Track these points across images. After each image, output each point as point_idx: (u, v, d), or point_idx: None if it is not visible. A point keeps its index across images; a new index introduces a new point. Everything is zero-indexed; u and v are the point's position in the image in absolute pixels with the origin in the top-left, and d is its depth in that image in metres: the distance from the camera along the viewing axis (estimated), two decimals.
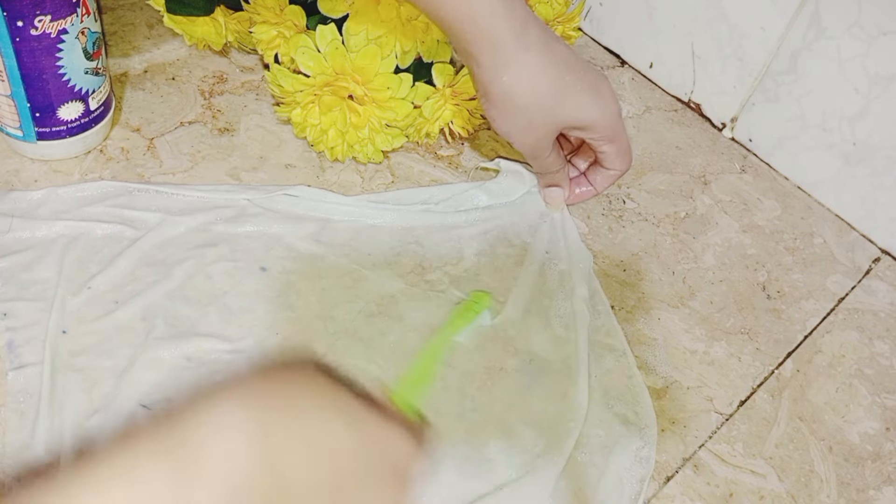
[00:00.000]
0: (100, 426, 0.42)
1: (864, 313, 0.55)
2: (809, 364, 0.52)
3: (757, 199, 0.61)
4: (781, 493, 0.46)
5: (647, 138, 0.64)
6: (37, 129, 0.51)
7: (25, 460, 0.41)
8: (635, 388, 0.48)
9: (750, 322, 0.53)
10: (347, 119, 0.53)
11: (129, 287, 0.48)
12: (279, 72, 0.53)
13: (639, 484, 0.44)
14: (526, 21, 0.46)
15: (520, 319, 0.50)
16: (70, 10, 0.47)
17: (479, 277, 0.52)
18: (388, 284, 0.51)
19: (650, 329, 0.52)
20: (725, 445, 0.47)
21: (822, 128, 0.59)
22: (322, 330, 0.48)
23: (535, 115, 0.48)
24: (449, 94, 0.55)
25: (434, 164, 0.59)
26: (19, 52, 0.47)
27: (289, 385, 0.33)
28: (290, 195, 0.54)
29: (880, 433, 0.49)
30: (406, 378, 0.46)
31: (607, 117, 0.50)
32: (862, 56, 0.55)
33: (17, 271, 0.48)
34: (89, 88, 0.52)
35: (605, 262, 0.55)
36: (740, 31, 0.61)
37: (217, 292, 0.48)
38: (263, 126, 0.59)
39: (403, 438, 0.35)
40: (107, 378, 0.44)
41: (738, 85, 0.63)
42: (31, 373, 0.44)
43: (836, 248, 0.59)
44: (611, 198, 0.59)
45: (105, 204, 0.51)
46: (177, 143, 0.56)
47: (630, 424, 0.47)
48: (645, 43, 0.68)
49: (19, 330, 0.45)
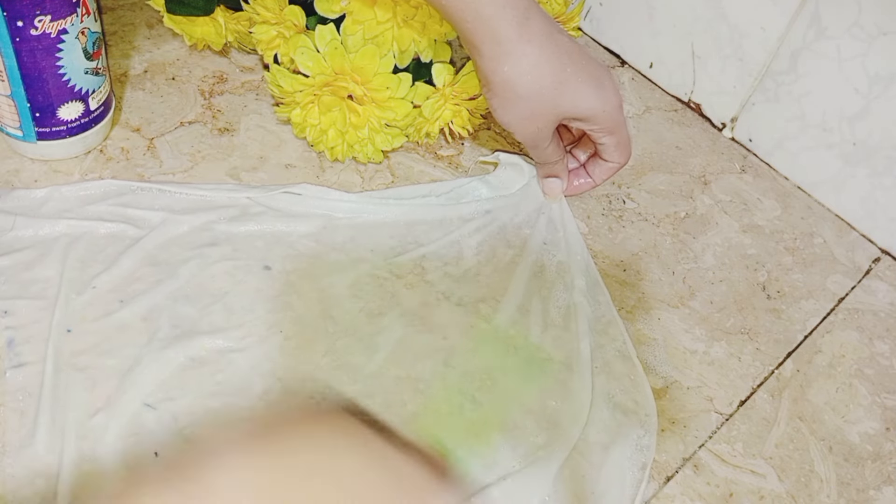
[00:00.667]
0: (102, 425, 0.42)
1: (864, 313, 0.55)
2: (809, 364, 0.52)
3: (757, 199, 0.61)
4: (781, 493, 0.46)
5: (647, 138, 0.64)
6: (37, 129, 0.51)
7: (25, 459, 0.41)
8: (636, 377, 0.48)
9: (750, 322, 0.53)
10: (347, 119, 0.53)
11: (133, 286, 0.48)
12: (279, 72, 0.53)
13: (640, 472, 0.44)
14: (528, 11, 0.46)
15: (519, 315, 0.50)
16: (70, 10, 0.47)
17: (478, 278, 0.52)
18: (388, 284, 0.51)
19: (650, 329, 0.52)
20: (725, 445, 0.47)
21: (822, 128, 0.59)
22: (322, 329, 0.48)
23: (535, 105, 0.48)
24: (449, 93, 0.55)
25: (434, 164, 0.59)
26: (19, 52, 0.47)
27: (313, 425, 0.33)
28: (293, 193, 0.54)
29: (880, 433, 0.49)
30: (431, 410, 0.46)
31: (608, 109, 0.50)
32: (862, 56, 0.55)
33: (19, 270, 0.48)
34: (89, 88, 0.52)
35: (605, 262, 0.55)
36: (740, 31, 0.61)
37: (219, 292, 0.49)
38: (263, 126, 0.59)
39: (429, 473, 0.35)
40: (110, 377, 0.44)
41: (738, 85, 0.63)
42: (31, 371, 0.44)
43: (836, 248, 0.59)
44: (611, 198, 0.59)
45: (108, 203, 0.51)
46: (177, 143, 0.56)
47: (630, 413, 0.47)
48: (645, 43, 0.68)
49: (19, 328, 0.45)
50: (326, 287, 0.50)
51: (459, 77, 0.55)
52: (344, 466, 0.32)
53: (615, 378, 0.48)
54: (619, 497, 0.43)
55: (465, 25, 0.45)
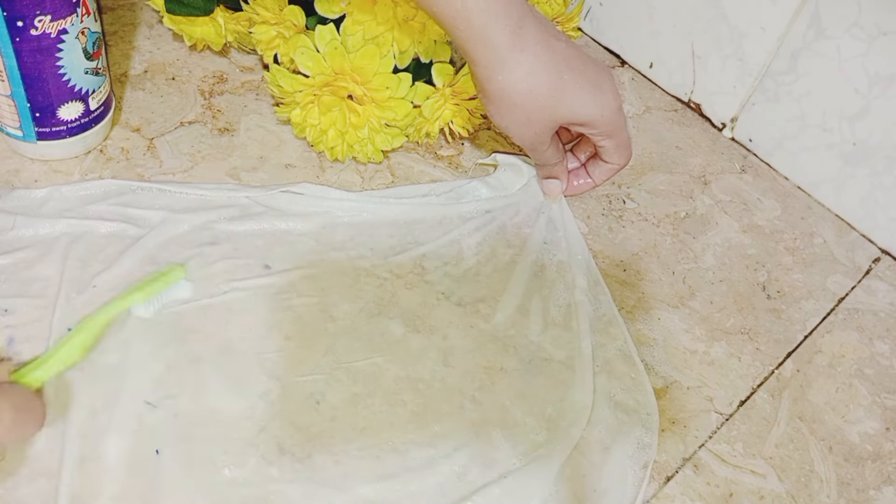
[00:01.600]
0: (103, 424, 0.42)
1: (864, 313, 0.55)
2: (809, 364, 0.52)
3: (757, 199, 0.61)
4: (781, 493, 0.46)
5: (647, 138, 0.64)
6: (37, 129, 0.51)
7: (26, 457, 0.41)
8: (637, 376, 0.48)
9: (750, 322, 0.53)
10: (347, 119, 0.53)
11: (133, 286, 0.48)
12: (279, 72, 0.53)
13: (642, 471, 0.45)
14: (522, 18, 0.45)
15: (518, 314, 0.50)
16: (70, 10, 0.47)
17: (478, 277, 0.52)
18: (388, 284, 0.51)
19: (650, 329, 0.52)
20: (725, 445, 0.47)
21: (822, 128, 0.59)
22: (322, 329, 0.48)
23: (532, 112, 0.48)
24: (449, 93, 0.55)
25: (434, 164, 0.59)
26: (19, 52, 0.47)
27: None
28: (293, 192, 0.54)
29: (880, 433, 0.49)
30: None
31: (606, 114, 0.49)
32: (862, 56, 0.55)
33: (20, 268, 0.48)
34: (89, 88, 0.52)
35: (605, 262, 0.55)
36: (740, 31, 0.61)
37: (218, 291, 0.49)
38: (263, 126, 0.59)
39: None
40: (110, 375, 0.44)
41: (738, 85, 0.63)
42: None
43: (836, 248, 0.59)
44: (611, 198, 0.59)
45: (108, 202, 0.52)
46: (177, 143, 0.56)
47: (632, 412, 0.47)
48: (645, 43, 0.68)
49: (20, 327, 0.45)
50: (326, 287, 0.50)
51: (459, 77, 0.55)
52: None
53: (616, 377, 0.48)
54: (620, 496, 0.43)
55: (459, 34, 0.45)
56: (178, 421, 0.43)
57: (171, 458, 0.42)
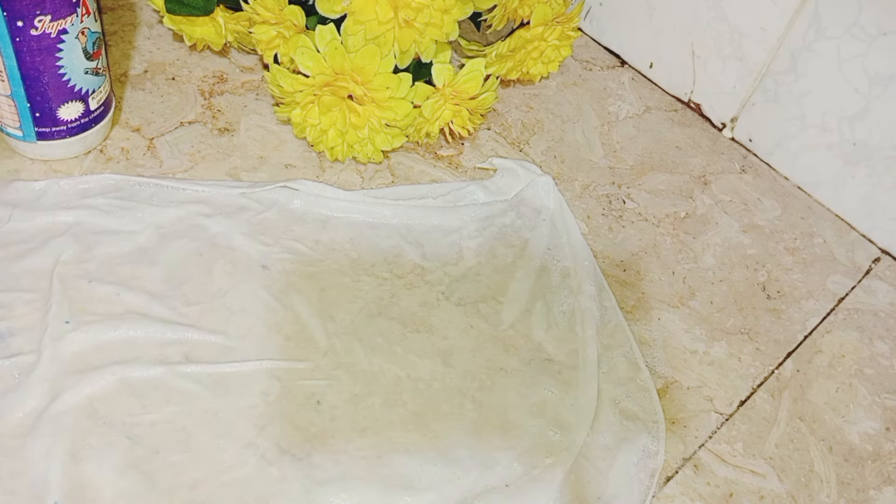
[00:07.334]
0: (102, 422, 0.42)
1: (864, 313, 0.55)
2: (809, 364, 0.52)
3: (757, 199, 0.61)
4: (781, 493, 0.46)
5: (647, 138, 0.64)
6: (37, 129, 0.51)
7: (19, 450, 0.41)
8: (643, 383, 0.48)
9: (750, 322, 0.53)
10: (347, 119, 0.53)
11: (131, 283, 0.48)
12: (279, 72, 0.53)
13: (649, 479, 0.44)
14: None
15: (520, 317, 0.50)
16: (70, 10, 0.47)
17: (479, 277, 0.52)
18: (388, 284, 0.51)
19: (650, 329, 0.52)
20: (725, 445, 0.47)
21: (822, 128, 0.59)
22: (322, 330, 0.48)
23: None
24: (449, 94, 0.55)
25: (434, 164, 0.59)
26: (19, 52, 0.47)
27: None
28: (290, 188, 0.54)
29: (880, 433, 0.49)
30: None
31: None
32: (862, 56, 0.55)
33: (13, 261, 0.48)
34: (89, 88, 0.52)
35: (605, 262, 0.55)
36: (740, 31, 0.61)
37: (218, 291, 0.49)
38: (263, 126, 0.59)
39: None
40: (109, 374, 0.44)
41: (738, 85, 0.63)
42: (24, 362, 0.44)
43: (836, 248, 0.59)
44: (611, 198, 0.59)
45: (106, 197, 0.52)
46: (177, 143, 0.56)
47: (637, 419, 0.47)
48: (645, 43, 0.68)
49: (12, 319, 0.45)
50: (326, 287, 0.50)
51: (459, 77, 0.55)
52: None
53: (621, 383, 0.48)
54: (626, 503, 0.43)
55: None
56: (177, 422, 0.43)
57: (170, 458, 0.42)
